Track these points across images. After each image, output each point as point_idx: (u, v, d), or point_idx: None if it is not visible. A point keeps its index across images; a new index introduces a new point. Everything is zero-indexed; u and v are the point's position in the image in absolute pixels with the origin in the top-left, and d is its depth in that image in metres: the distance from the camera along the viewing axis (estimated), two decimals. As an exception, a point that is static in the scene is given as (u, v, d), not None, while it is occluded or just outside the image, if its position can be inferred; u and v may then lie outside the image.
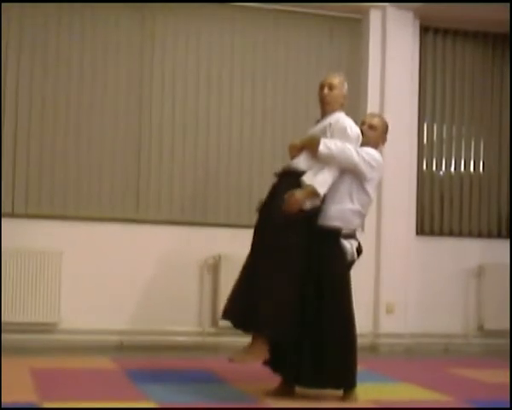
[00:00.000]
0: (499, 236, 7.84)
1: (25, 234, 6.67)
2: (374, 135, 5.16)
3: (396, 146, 7.39)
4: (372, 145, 5.11)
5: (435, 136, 7.77)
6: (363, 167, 4.95)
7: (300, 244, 4.84)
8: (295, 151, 5.03)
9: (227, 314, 4.88)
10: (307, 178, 4.85)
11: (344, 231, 4.95)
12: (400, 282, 7.40)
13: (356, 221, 5.03)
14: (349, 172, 4.95)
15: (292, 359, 4.88)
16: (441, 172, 7.78)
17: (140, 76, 7.06)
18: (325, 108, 5.09)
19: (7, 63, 6.76)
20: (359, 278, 7.14)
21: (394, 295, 7.37)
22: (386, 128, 5.27)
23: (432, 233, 7.71)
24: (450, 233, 7.75)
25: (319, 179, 4.84)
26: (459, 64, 7.84)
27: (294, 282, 4.80)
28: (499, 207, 7.88)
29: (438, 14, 7.47)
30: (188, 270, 6.95)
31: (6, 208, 6.71)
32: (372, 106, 7.41)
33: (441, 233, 7.73)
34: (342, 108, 5.08)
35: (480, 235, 7.81)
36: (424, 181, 7.70)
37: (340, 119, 4.99)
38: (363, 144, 5.04)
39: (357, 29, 7.57)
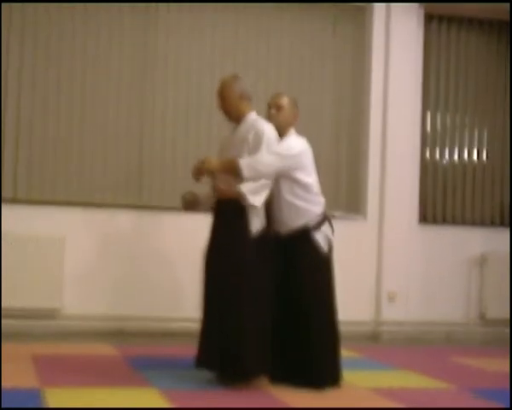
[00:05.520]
0: (501, 224, 7.81)
1: (27, 220, 6.68)
2: (283, 116, 5.02)
3: (399, 134, 7.41)
4: (284, 126, 4.99)
5: (439, 124, 7.74)
6: (285, 164, 4.84)
7: (265, 271, 4.86)
8: (209, 170, 5.02)
9: (202, 362, 4.89)
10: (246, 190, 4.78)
11: (311, 224, 4.89)
12: (402, 270, 7.40)
13: (314, 208, 4.94)
14: (280, 177, 4.88)
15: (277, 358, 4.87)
16: (444, 161, 7.76)
17: (143, 63, 7.04)
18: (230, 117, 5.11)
19: (9, 48, 6.74)
20: (361, 265, 7.24)
21: (396, 284, 7.37)
22: (294, 104, 5.10)
23: (434, 222, 7.70)
24: (453, 222, 7.73)
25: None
26: (463, 52, 7.79)
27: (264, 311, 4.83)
28: (502, 196, 7.85)
29: (442, 2, 7.43)
30: (189, 256, 6.93)
31: (8, 194, 6.71)
32: (375, 95, 7.39)
33: (444, 222, 7.72)
34: (244, 104, 5.01)
35: (482, 224, 7.79)
36: (427, 170, 7.68)
37: (255, 126, 4.90)
38: (276, 129, 4.93)
39: (361, 17, 7.53)
